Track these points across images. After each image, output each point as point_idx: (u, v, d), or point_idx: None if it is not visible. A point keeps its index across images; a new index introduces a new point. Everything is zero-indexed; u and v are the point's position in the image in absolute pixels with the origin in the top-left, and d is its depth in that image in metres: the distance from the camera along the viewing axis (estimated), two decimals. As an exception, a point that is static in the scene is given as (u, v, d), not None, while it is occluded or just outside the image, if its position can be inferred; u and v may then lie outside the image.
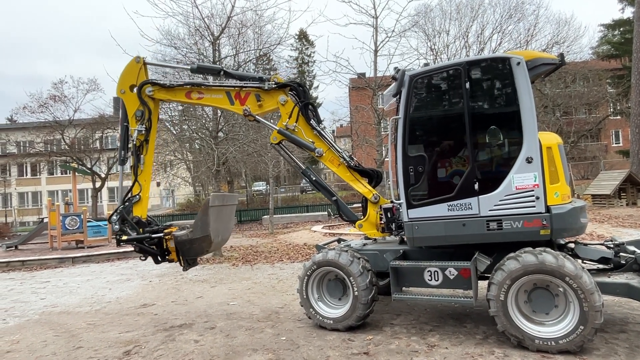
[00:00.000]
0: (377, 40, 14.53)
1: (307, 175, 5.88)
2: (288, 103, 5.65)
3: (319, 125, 5.66)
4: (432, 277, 4.69)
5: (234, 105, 5.88)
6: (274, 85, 5.67)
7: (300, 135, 5.62)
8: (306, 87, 6.02)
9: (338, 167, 5.59)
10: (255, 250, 13.43)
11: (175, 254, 5.83)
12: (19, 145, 32.73)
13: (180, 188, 37.60)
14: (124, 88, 6.06)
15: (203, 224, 5.45)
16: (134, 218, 5.93)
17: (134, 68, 6.09)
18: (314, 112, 5.77)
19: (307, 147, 5.63)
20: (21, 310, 7.36)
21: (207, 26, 12.83)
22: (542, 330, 4.06)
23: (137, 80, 6.03)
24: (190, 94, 6.03)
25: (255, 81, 5.80)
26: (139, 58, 6.11)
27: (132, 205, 5.99)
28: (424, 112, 5.09)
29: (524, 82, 4.35)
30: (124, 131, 6.12)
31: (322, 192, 5.98)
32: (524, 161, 4.34)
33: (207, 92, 5.97)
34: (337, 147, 5.62)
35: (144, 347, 4.98)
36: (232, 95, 5.85)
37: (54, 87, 27.53)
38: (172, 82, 6.07)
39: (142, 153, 6.05)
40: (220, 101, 5.97)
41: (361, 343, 4.62)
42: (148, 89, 6.00)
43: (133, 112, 6.02)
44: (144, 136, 6.03)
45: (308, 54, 51.08)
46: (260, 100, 5.76)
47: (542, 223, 4.25)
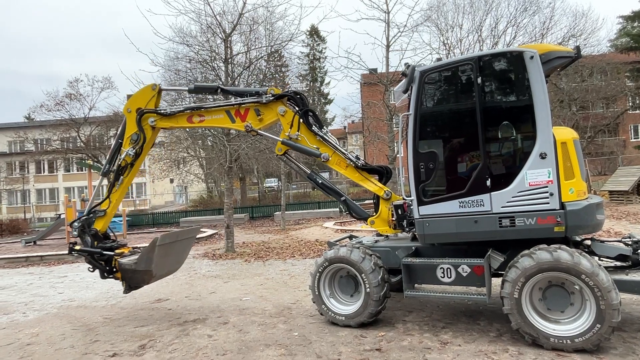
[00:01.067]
0: (389, 35, 14.41)
1: (313, 180, 5.94)
2: (287, 113, 5.69)
3: (322, 130, 5.68)
4: (444, 274, 4.66)
5: (236, 123, 5.96)
6: (271, 98, 5.71)
7: (304, 143, 5.65)
8: (304, 95, 6.07)
9: (346, 169, 5.59)
10: (267, 246, 13.52)
11: (120, 275, 6.03)
12: (37, 143, 33.41)
13: (193, 184, 37.98)
14: (131, 108, 6.21)
15: (147, 259, 5.71)
16: (92, 230, 6.15)
17: (148, 94, 6.23)
18: (315, 118, 5.79)
19: (312, 153, 5.67)
20: (40, 304, 7.55)
21: (219, 23, 12.88)
22: (558, 328, 4.01)
23: (146, 106, 6.17)
24: (191, 118, 6.14)
25: (252, 96, 5.85)
26: (155, 86, 6.25)
27: (96, 218, 6.21)
28: (435, 108, 5.04)
29: (537, 76, 4.27)
30: (116, 147, 6.35)
31: (330, 194, 6.01)
32: (538, 157, 4.27)
33: (207, 114, 6.07)
34: (342, 149, 5.64)
35: (158, 341, 5.06)
36: (232, 113, 5.94)
37: (69, 85, 28.07)
38: (172, 110, 6.16)
39: (124, 174, 6.25)
40: (222, 121, 6.07)
41: (373, 339, 4.62)
42: (150, 119, 6.15)
43: (130, 133, 6.18)
44: (131, 159, 6.20)
45: (319, 50, 50.99)
46: (260, 114, 5.82)
47: (556, 220, 4.19)
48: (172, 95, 16.03)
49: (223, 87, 6.21)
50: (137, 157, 6.24)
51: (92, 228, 6.17)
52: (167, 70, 15.37)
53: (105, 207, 6.27)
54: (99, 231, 6.21)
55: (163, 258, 5.91)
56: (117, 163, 6.21)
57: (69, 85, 28.20)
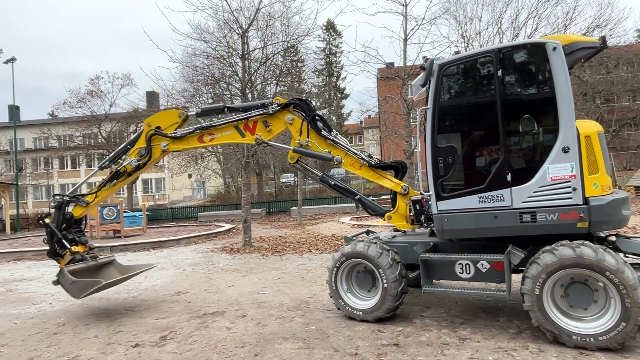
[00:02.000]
0: (406, 28, 14.24)
1: (325, 182, 5.96)
2: (295, 120, 5.73)
3: (331, 133, 5.70)
4: (463, 269, 4.61)
5: (246, 137, 6.03)
6: (277, 107, 5.75)
7: (315, 148, 5.68)
8: (309, 100, 6.09)
9: (360, 169, 5.60)
10: (284, 241, 13.61)
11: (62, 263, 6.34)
12: (60, 139, 34.32)
13: (211, 180, 38.41)
14: (152, 124, 6.32)
15: (81, 290, 5.89)
16: (68, 213, 6.39)
17: (173, 118, 6.34)
18: (323, 122, 5.82)
19: (325, 158, 5.70)
20: (65, 295, 7.72)
21: (236, 19, 12.95)
22: (580, 326, 3.93)
23: (166, 128, 6.27)
24: (202, 137, 6.22)
25: (258, 108, 5.89)
26: (182, 113, 6.38)
27: (77, 204, 6.44)
28: (454, 102, 4.96)
29: (560, 68, 4.16)
30: (123, 150, 6.54)
31: (344, 194, 6.05)
32: (560, 151, 4.17)
33: (217, 131, 6.15)
34: (354, 150, 5.65)
35: (179, 332, 5.16)
36: (241, 127, 6.00)
37: (91, 82, 28.69)
38: (182, 132, 6.23)
39: (118, 179, 6.41)
40: (232, 137, 6.14)
41: (391, 334, 4.62)
42: (163, 144, 6.25)
43: (140, 147, 6.33)
44: (132, 169, 6.35)
45: (335, 44, 50.70)
46: (269, 125, 5.87)
47: (579, 215, 4.09)
48: (190, 91, 16.24)
49: (229, 105, 6.31)
50: (137, 169, 6.41)
51: (69, 212, 6.44)
52: (185, 66, 15.54)
53: (89, 199, 6.48)
54: (74, 217, 6.47)
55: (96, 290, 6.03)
56: (117, 167, 6.40)
57: (90, 83, 28.89)
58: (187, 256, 11.88)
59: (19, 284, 9.27)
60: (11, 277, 10.07)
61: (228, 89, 14.61)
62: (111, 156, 6.67)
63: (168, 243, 14.73)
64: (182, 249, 13.49)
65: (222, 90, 14.86)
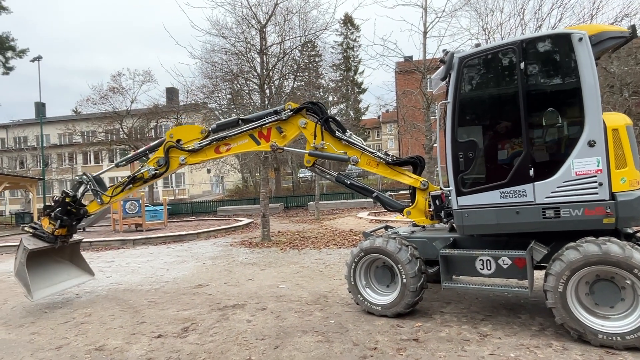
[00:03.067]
0: (426, 21, 14.00)
1: (341, 182, 5.98)
2: (309, 124, 5.77)
3: (345, 134, 5.70)
4: (484, 266, 4.56)
5: (261, 145, 6.11)
6: (290, 113, 5.82)
7: (330, 150, 5.71)
8: (321, 103, 6.10)
9: (377, 168, 5.59)
10: (302, 235, 13.68)
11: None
12: (83, 135, 35.21)
13: (230, 175, 38.86)
14: (174, 136, 6.48)
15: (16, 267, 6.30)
16: (83, 209, 6.80)
17: (195, 133, 6.48)
18: (337, 123, 5.85)
19: (341, 159, 5.72)
20: (91, 286, 8.03)
21: (254, 14, 13.00)
22: (607, 324, 3.84)
23: (186, 143, 6.42)
24: (218, 148, 6.33)
25: (271, 115, 5.96)
26: (205, 130, 6.48)
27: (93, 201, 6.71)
28: (475, 96, 4.88)
29: (586, 59, 4.03)
30: (141, 154, 6.77)
31: (361, 192, 6.06)
32: (586, 145, 4.06)
33: (232, 141, 6.25)
34: (369, 149, 5.63)
35: (200, 324, 5.27)
36: (256, 135, 6.08)
37: (112, 79, 29.27)
38: (200, 144, 6.33)
39: (134, 184, 6.59)
40: (248, 145, 6.22)
41: (410, 329, 4.61)
42: (181, 158, 6.40)
43: (159, 156, 6.51)
44: (148, 176, 6.52)
45: (353, 38, 50.36)
46: (283, 130, 5.93)
47: (605, 211, 3.98)
48: (209, 87, 16.41)
49: (242, 117, 6.40)
50: (154, 178, 6.60)
51: (84, 208, 6.77)
52: (204, 62, 15.70)
53: (106, 200, 6.71)
54: (87, 212, 6.79)
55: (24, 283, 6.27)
56: (134, 173, 6.59)
57: (112, 79, 29.48)
58: (207, 250, 12.08)
59: (47, 275, 9.59)
60: (40, 269, 10.43)
61: (246, 84, 14.71)
62: (128, 157, 6.88)
63: (188, 237, 15.00)
64: (202, 243, 13.72)
65: (241, 85, 14.98)
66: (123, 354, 4.44)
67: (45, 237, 6.58)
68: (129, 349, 4.59)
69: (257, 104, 14.54)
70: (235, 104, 16.05)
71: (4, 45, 30.14)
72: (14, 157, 43.58)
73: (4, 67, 30.92)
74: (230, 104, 17.33)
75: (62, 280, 6.89)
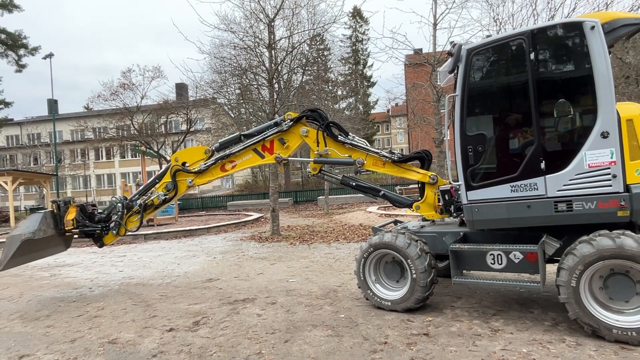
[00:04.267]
0: (436, 12, 13.83)
1: (347, 184, 6.02)
2: (310, 132, 5.79)
3: (348, 137, 5.69)
4: (495, 260, 4.51)
5: (265, 158, 6.14)
6: (290, 123, 5.84)
7: (335, 155, 5.71)
8: (320, 109, 6.11)
9: (384, 167, 5.59)
10: (312, 230, 13.71)
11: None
12: (95, 131, 35.61)
13: (239, 170, 38.96)
14: (179, 159, 6.59)
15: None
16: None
17: (199, 154, 6.57)
18: (338, 127, 5.85)
19: (346, 163, 5.74)
20: (104, 280, 8.15)
21: (262, 8, 12.96)
22: (621, 319, 3.77)
23: (192, 165, 6.52)
24: (224, 166, 6.39)
25: (272, 127, 5.98)
26: (208, 150, 6.55)
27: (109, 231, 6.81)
28: (484, 88, 4.78)
29: (599, 48, 3.92)
30: (151, 184, 6.83)
31: (367, 193, 6.06)
32: (599, 136, 3.96)
33: (237, 158, 6.29)
34: (374, 149, 5.63)
35: (211, 318, 5.32)
36: (259, 149, 6.11)
37: (123, 75, 29.46)
38: (205, 165, 6.38)
39: (146, 212, 6.71)
40: (252, 160, 6.27)
41: (421, 324, 4.59)
42: (189, 180, 6.50)
43: (166, 181, 6.62)
44: (158, 202, 6.62)
45: (362, 31, 50.01)
46: (285, 141, 5.96)
47: (619, 204, 3.90)
48: (218, 82, 16.45)
49: (243, 133, 6.47)
50: (164, 203, 6.69)
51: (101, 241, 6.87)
52: (213, 57, 15.73)
53: (122, 233, 6.81)
54: (103, 243, 6.90)
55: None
56: (144, 201, 6.67)
57: (122, 76, 29.65)
58: (217, 244, 12.17)
59: (62, 269, 9.77)
60: (54, 263, 10.62)
61: (255, 79, 14.72)
62: (141, 190, 7.00)
63: (199, 231, 15.13)
64: (212, 237, 13.83)
65: (250, 80, 14.98)
66: (135, 347, 4.50)
67: (58, 227, 6.70)
68: (141, 342, 4.65)
69: (266, 98, 14.54)
70: (244, 98, 16.08)
71: (16, 43, 30.55)
72: (28, 153, 44.31)
73: (17, 65, 31.39)
74: (239, 98, 17.38)
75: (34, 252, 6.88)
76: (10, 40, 30.52)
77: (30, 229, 6.34)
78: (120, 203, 6.72)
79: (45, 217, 6.55)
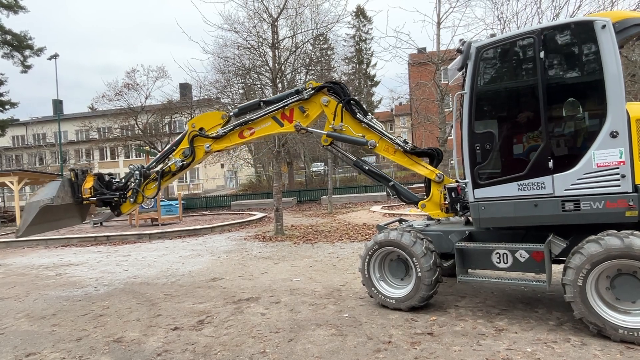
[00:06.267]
0: (440, 11, 13.78)
1: (359, 167, 5.93)
2: (331, 102, 5.71)
3: (366, 117, 5.61)
4: (500, 259, 4.48)
5: (284, 126, 6.05)
6: (312, 92, 5.74)
7: (349, 132, 5.63)
8: (343, 84, 6.01)
9: (394, 155, 5.51)
10: (315, 229, 13.70)
11: None
12: (100, 131, 35.77)
13: (243, 169, 39.07)
14: (196, 125, 6.50)
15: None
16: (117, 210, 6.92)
17: (216, 119, 6.48)
18: (358, 105, 5.76)
19: (358, 142, 5.64)
20: (109, 279, 8.18)
21: (266, 8, 12.96)
22: (628, 319, 3.74)
23: (209, 130, 6.42)
24: (242, 133, 6.30)
25: (293, 95, 5.89)
26: (225, 115, 6.48)
27: (126, 200, 6.76)
28: (493, 86, 4.77)
29: (610, 47, 3.89)
30: (168, 151, 6.73)
31: (378, 180, 5.98)
32: (608, 135, 3.93)
33: (255, 125, 6.21)
34: (389, 134, 5.55)
35: (215, 317, 5.32)
36: (279, 117, 6.02)
37: (127, 75, 29.61)
38: (224, 130, 6.31)
39: (163, 179, 6.62)
40: (271, 128, 6.17)
41: (425, 323, 4.57)
42: (206, 145, 6.40)
43: (184, 147, 6.51)
44: (176, 169, 6.53)
45: (365, 30, 49.95)
46: (305, 110, 5.86)
47: (628, 204, 3.86)
48: (221, 82, 16.46)
49: (264, 99, 6.37)
50: (182, 169, 6.60)
51: (119, 209, 6.87)
52: (216, 57, 15.74)
53: (139, 201, 6.78)
54: (120, 211, 6.89)
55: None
56: (162, 167, 6.60)
57: (126, 76, 29.79)
58: (221, 244, 12.19)
59: (67, 268, 9.82)
60: (60, 262, 10.69)
61: (259, 78, 14.71)
62: (158, 157, 6.91)
63: (203, 231, 15.16)
64: (216, 237, 13.86)
65: (253, 80, 14.98)
66: (140, 346, 4.51)
67: (76, 196, 6.73)
68: (146, 341, 4.66)
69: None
70: (247, 98, 16.07)
71: (22, 44, 30.74)
72: (33, 153, 44.59)
73: (22, 66, 31.57)
74: (243, 98, 17.37)
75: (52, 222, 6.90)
76: (16, 41, 30.70)
77: (49, 195, 6.37)
78: (137, 171, 6.70)
79: (63, 185, 6.59)
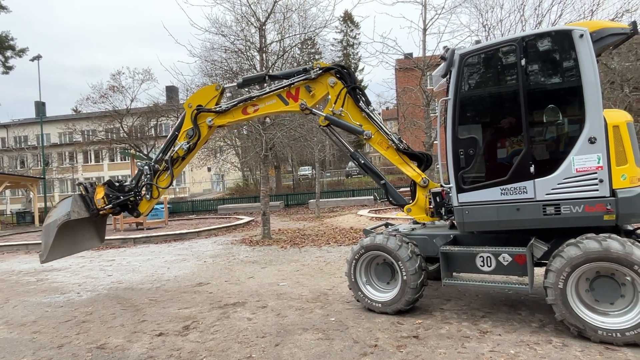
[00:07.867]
0: (425, 18, 13.97)
1: (355, 159, 5.88)
2: (337, 84, 5.67)
3: (368, 107, 5.60)
4: (484, 262, 4.56)
5: (289, 105, 5.99)
6: (320, 72, 5.70)
7: (347, 119, 5.61)
8: (351, 69, 5.97)
9: (387, 150, 5.53)
10: (303, 233, 13.69)
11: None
12: (84, 134, 35.19)
13: (230, 173, 38.86)
14: (192, 104, 6.42)
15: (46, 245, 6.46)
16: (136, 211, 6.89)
17: (211, 93, 6.41)
18: (362, 94, 5.73)
19: (354, 130, 5.61)
20: (92, 285, 8.04)
21: (254, 12, 12.96)
22: (606, 320, 3.84)
23: (207, 104, 6.33)
24: (246, 109, 6.23)
25: (300, 74, 5.84)
26: (219, 86, 6.40)
27: (142, 199, 6.72)
28: (476, 92, 4.88)
29: (587, 56, 4.02)
30: (171, 138, 6.62)
31: (371, 176, 5.98)
32: (586, 141, 4.05)
33: (260, 102, 6.15)
34: (386, 129, 5.56)
35: (201, 322, 5.28)
36: (284, 95, 5.97)
37: (112, 77, 29.27)
38: (227, 105, 6.24)
39: (174, 166, 6.53)
40: (275, 106, 6.10)
41: (410, 326, 4.61)
42: (208, 119, 6.33)
43: (187, 128, 6.42)
44: (184, 153, 6.45)
45: (353, 36, 50.32)
46: (311, 89, 5.80)
47: (606, 208, 3.98)
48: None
49: (270, 74, 6.29)
50: (190, 152, 6.49)
51: (137, 210, 6.80)
52: (203, 60, 15.67)
53: (155, 195, 6.68)
54: (139, 212, 6.82)
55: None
56: (169, 155, 6.49)
57: (111, 78, 29.47)
58: (207, 248, 12.09)
59: (49, 273, 9.62)
60: (41, 267, 10.45)
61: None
62: (162, 148, 6.77)
63: (189, 235, 15.01)
64: (202, 241, 13.74)
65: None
66: (124, 353, 4.45)
67: (90, 209, 6.62)
68: (130, 347, 4.60)
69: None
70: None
71: (3, 44, 30.10)
72: (14, 156, 43.57)
73: (3, 67, 30.88)
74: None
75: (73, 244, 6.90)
76: (-4, 42, 30.05)
77: (64, 212, 6.30)
78: (147, 166, 6.62)
79: (75, 200, 6.50)
